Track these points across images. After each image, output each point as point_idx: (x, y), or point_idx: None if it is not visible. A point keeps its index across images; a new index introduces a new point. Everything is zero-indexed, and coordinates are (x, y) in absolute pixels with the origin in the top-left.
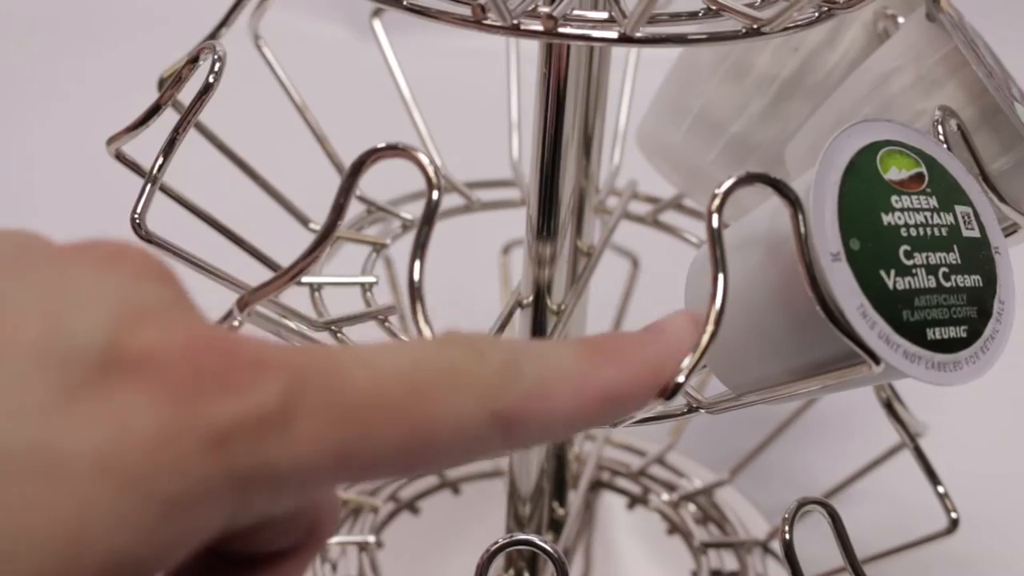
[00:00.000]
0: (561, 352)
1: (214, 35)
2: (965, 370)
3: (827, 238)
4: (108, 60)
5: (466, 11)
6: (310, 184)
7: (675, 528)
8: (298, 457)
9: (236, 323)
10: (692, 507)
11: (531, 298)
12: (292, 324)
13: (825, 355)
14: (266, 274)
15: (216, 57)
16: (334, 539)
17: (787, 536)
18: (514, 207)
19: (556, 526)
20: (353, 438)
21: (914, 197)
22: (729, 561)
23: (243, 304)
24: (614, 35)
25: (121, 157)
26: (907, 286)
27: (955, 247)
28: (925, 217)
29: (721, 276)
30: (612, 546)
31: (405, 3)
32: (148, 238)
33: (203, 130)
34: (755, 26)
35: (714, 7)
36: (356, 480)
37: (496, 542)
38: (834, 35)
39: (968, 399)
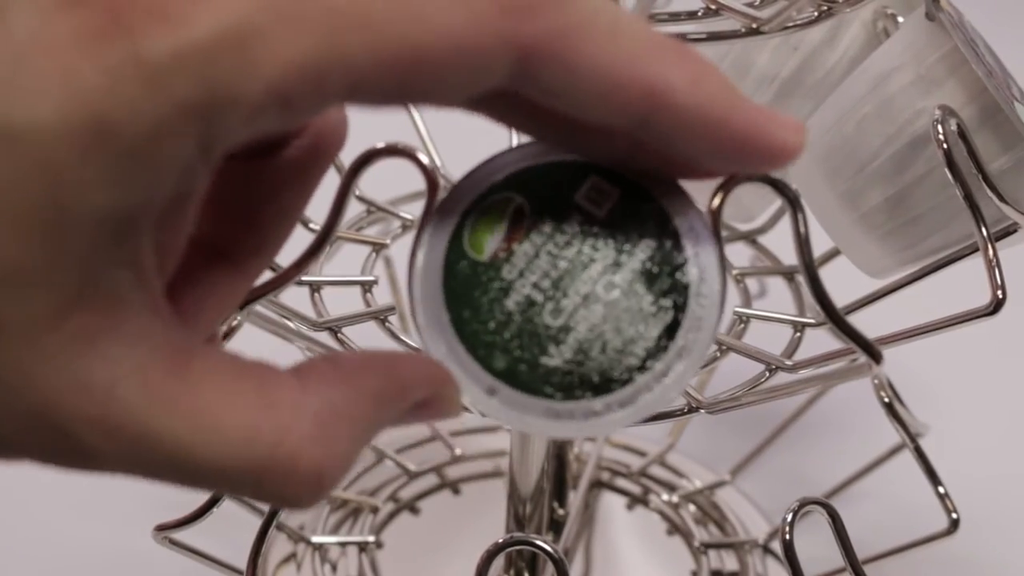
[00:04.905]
0: (635, 19)
1: None
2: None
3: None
4: None
5: None
6: None
7: (675, 528)
8: (259, 80)
9: (235, 323)
10: (692, 507)
11: None
12: (292, 324)
13: None
14: (266, 274)
15: None
16: (334, 539)
17: (787, 536)
18: None
19: (556, 526)
20: (325, 55)
21: (523, 250)
22: (729, 561)
23: (243, 304)
24: None
25: None
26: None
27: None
28: (545, 266)
29: (719, 274)
30: (612, 546)
31: None
32: None
33: None
34: (754, 25)
35: (713, 6)
36: (342, 101)
37: (496, 542)
38: (834, 34)
39: (969, 400)
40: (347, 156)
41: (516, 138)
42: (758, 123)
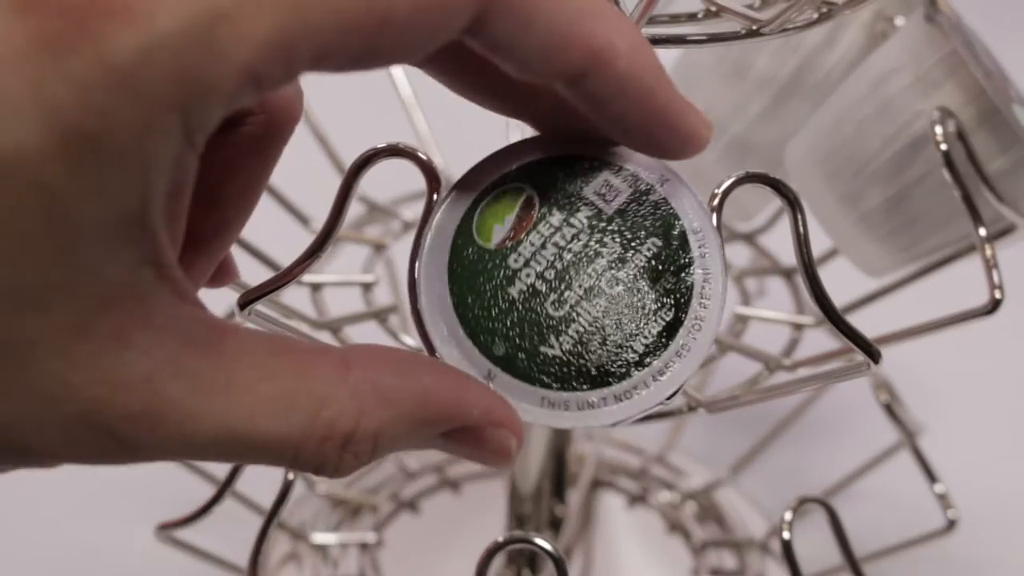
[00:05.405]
0: None
1: None
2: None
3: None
4: None
5: None
6: (310, 184)
7: (675, 527)
8: (231, 65)
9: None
10: (692, 506)
11: None
12: (292, 324)
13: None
14: (266, 274)
15: None
16: (335, 538)
17: (786, 535)
18: None
19: (556, 525)
20: (291, 28)
21: (530, 240)
22: (728, 560)
23: (243, 304)
24: None
25: None
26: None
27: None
28: (551, 257)
29: (723, 277)
30: (612, 545)
31: None
32: None
33: None
34: (754, 27)
35: (713, 8)
36: (309, 71)
37: (496, 541)
38: (833, 36)
39: (967, 399)
40: (348, 156)
41: (517, 135)
42: (679, 105)
